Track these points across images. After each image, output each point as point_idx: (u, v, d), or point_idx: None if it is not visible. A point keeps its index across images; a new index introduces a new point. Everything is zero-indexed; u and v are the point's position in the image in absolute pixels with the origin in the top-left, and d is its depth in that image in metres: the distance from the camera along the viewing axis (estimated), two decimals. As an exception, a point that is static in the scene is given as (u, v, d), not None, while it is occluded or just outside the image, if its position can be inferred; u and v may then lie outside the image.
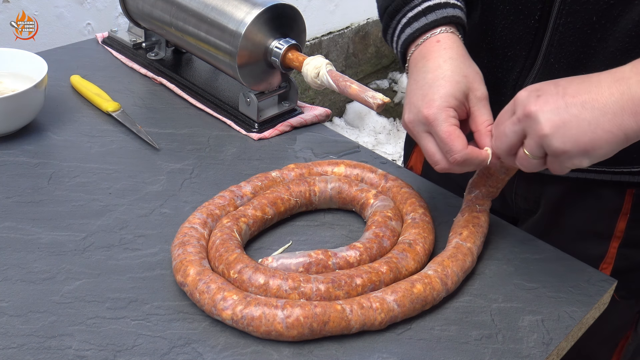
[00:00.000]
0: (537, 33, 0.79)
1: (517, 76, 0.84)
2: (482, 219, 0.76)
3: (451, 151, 0.67)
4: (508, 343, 0.65)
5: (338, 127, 2.85)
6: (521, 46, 0.81)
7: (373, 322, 0.64)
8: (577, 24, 0.76)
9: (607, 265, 0.88)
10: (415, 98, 0.70)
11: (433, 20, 0.74)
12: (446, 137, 0.67)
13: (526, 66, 0.82)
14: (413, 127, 0.70)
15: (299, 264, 0.69)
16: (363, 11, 2.91)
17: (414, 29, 0.75)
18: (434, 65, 0.71)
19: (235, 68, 0.92)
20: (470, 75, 0.70)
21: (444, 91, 0.68)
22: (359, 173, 0.83)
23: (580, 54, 0.77)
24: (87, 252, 0.73)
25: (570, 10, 0.75)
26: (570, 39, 0.77)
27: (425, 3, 0.75)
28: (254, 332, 0.63)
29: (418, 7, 0.75)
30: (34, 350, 0.61)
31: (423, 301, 0.66)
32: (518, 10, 0.79)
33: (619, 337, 0.95)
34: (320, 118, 1.02)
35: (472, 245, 0.72)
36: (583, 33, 0.76)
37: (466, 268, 0.71)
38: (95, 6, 1.89)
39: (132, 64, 1.13)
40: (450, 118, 0.67)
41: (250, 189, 0.79)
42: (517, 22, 0.80)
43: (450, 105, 0.68)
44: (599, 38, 0.75)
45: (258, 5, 0.91)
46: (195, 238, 0.71)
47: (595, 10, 0.74)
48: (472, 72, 0.71)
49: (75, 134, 0.94)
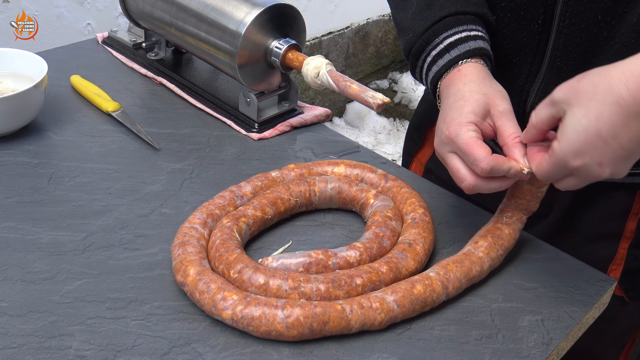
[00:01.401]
0: (541, 38, 0.79)
1: (523, 82, 0.83)
2: (505, 231, 0.73)
3: (475, 160, 0.66)
4: (508, 343, 0.65)
5: (338, 127, 2.85)
6: (526, 52, 0.81)
7: (373, 322, 0.64)
8: (582, 24, 0.76)
9: (617, 267, 0.87)
10: (439, 123, 0.71)
11: (456, 55, 0.75)
12: (466, 147, 0.66)
13: (532, 72, 0.82)
14: (440, 150, 0.71)
15: (299, 264, 0.69)
16: (363, 11, 2.91)
17: (439, 66, 0.76)
18: (454, 90, 0.72)
19: (235, 68, 0.92)
20: (489, 93, 0.70)
21: (462, 110, 0.69)
22: (359, 173, 0.83)
23: (587, 53, 0.77)
24: (87, 252, 0.73)
25: (574, 12, 0.75)
26: (576, 40, 0.77)
27: (447, 40, 0.76)
28: (254, 332, 0.63)
29: (440, 45, 0.76)
30: (34, 350, 0.61)
31: (423, 302, 0.66)
32: (520, 16, 0.79)
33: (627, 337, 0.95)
34: (320, 118, 1.02)
35: (484, 256, 0.71)
36: (589, 32, 0.76)
37: (471, 276, 0.69)
38: (95, 6, 1.89)
39: (132, 64, 1.13)
40: (470, 132, 0.67)
41: (250, 189, 0.79)
42: (520, 29, 0.80)
43: (470, 120, 0.68)
44: (605, 36, 0.75)
45: (258, 5, 0.91)
46: (195, 238, 0.71)
47: (600, 9, 0.74)
48: (492, 90, 0.71)
49: (75, 134, 0.94)
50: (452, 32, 0.76)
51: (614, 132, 0.58)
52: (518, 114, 0.83)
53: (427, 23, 0.78)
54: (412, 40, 0.79)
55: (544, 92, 0.82)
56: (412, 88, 3.10)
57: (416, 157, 1.08)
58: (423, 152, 1.07)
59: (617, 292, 0.88)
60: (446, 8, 0.77)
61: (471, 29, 0.76)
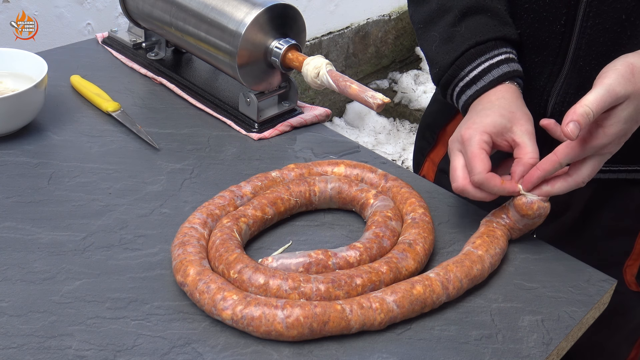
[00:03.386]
0: (564, 38, 0.79)
1: (545, 82, 0.84)
2: (498, 233, 0.74)
3: (472, 170, 0.70)
4: (508, 343, 0.65)
5: (338, 127, 2.85)
6: (548, 52, 0.81)
7: (373, 322, 0.64)
8: (606, 24, 0.76)
9: (633, 262, 0.87)
10: (462, 122, 0.75)
11: (482, 86, 0.78)
12: (472, 157, 0.70)
13: (554, 71, 0.82)
14: (451, 144, 0.75)
15: (299, 264, 0.69)
16: (363, 11, 2.91)
17: (467, 96, 0.80)
18: (486, 100, 0.76)
19: (235, 68, 0.92)
20: (517, 113, 0.73)
21: (485, 119, 0.72)
22: (359, 173, 0.83)
23: (610, 52, 0.77)
24: (87, 252, 0.73)
25: (597, 12, 0.75)
26: (599, 39, 0.77)
27: (472, 73, 0.79)
28: (254, 332, 0.63)
29: (466, 78, 0.79)
30: (34, 350, 0.61)
31: (422, 303, 0.66)
32: (542, 17, 0.80)
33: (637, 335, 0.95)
34: (320, 118, 1.02)
35: (484, 254, 0.71)
36: (612, 32, 0.76)
37: (472, 276, 0.69)
38: (95, 6, 1.89)
39: (132, 64, 1.13)
40: (482, 142, 0.70)
41: (250, 189, 0.79)
42: (543, 29, 0.80)
43: (487, 131, 0.71)
44: (629, 35, 0.75)
45: (258, 5, 0.91)
46: (195, 238, 0.71)
47: (624, 9, 0.74)
48: (519, 111, 0.73)
49: (75, 134, 0.94)
50: (475, 64, 0.78)
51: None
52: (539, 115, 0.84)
53: (451, 58, 0.80)
54: (440, 73, 0.82)
55: (566, 92, 0.82)
56: (412, 88, 3.10)
57: (429, 156, 1.09)
58: (436, 152, 1.07)
59: (634, 287, 0.88)
60: (467, 40, 0.79)
61: (494, 56, 0.78)
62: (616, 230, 0.89)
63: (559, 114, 0.83)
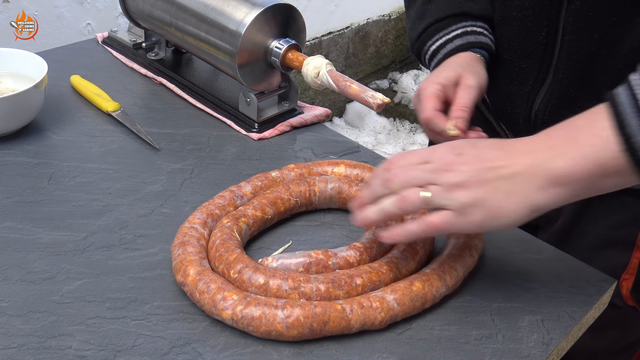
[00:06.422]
0: (547, 49, 0.80)
1: (530, 88, 0.85)
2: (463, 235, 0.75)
3: (422, 108, 0.80)
4: (508, 343, 0.65)
5: (338, 127, 2.85)
6: (533, 60, 0.83)
7: (373, 321, 0.64)
8: (580, 41, 0.76)
9: (630, 276, 0.86)
10: None
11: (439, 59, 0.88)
12: (424, 100, 0.80)
13: (538, 79, 0.83)
14: (413, 100, 0.88)
15: (298, 264, 0.69)
16: (363, 11, 2.91)
17: (431, 67, 0.89)
18: (446, 63, 0.85)
19: (235, 68, 0.92)
20: (466, 69, 0.82)
21: (440, 73, 0.82)
22: (359, 173, 0.83)
23: (587, 69, 0.78)
24: (87, 252, 0.73)
25: (573, 28, 0.76)
26: (576, 55, 0.78)
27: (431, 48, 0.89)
28: (254, 332, 0.63)
29: (429, 51, 0.90)
30: (34, 350, 0.61)
31: (423, 298, 0.66)
32: (527, 26, 0.81)
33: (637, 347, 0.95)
34: (320, 118, 1.02)
35: (470, 240, 0.72)
36: (587, 50, 0.76)
37: (466, 264, 0.70)
38: (95, 6, 1.90)
39: (132, 64, 1.13)
40: (435, 90, 0.80)
41: (250, 189, 0.79)
42: (528, 38, 0.82)
43: (439, 82, 0.81)
44: (604, 55, 0.76)
45: (258, 5, 0.91)
46: (195, 238, 0.71)
47: (597, 28, 0.74)
48: (469, 67, 0.82)
49: (75, 134, 0.94)
50: (434, 40, 0.89)
51: (487, 148, 0.66)
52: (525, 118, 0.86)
53: (416, 34, 0.91)
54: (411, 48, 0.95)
55: (548, 100, 0.83)
56: (412, 88, 3.10)
57: None
58: None
59: (630, 302, 0.87)
60: (430, 17, 0.89)
61: (451, 31, 0.88)
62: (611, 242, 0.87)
63: (541, 122, 0.85)
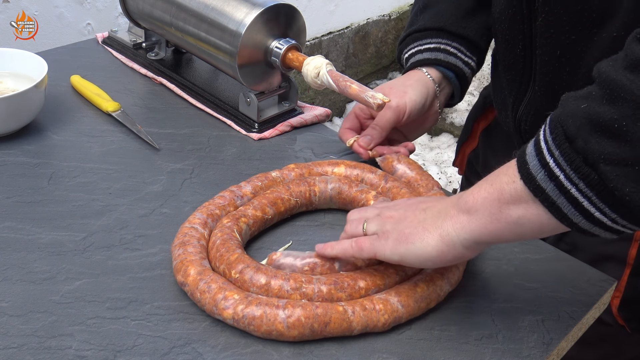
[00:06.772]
0: (525, 62, 0.83)
1: (514, 99, 0.88)
2: None
3: None
4: (508, 343, 0.65)
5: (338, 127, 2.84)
6: (515, 72, 0.86)
7: (376, 323, 0.64)
8: (546, 56, 0.78)
9: (619, 294, 0.86)
10: None
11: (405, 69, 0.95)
12: (347, 116, 0.92)
13: (521, 91, 0.86)
14: None
15: (305, 264, 0.69)
16: (363, 11, 2.91)
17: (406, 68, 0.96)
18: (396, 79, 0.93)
19: (235, 68, 0.92)
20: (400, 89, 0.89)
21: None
22: (359, 173, 0.83)
23: (554, 85, 0.80)
24: (87, 252, 0.73)
25: (541, 43, 0.78)
26: (545, 69, 0.80)
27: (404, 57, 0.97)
28: (254, 331, 0.63)
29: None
30: (34, 350, 0.61)
31: (427, 299, 0.66)
32: (506, 39, 0.84)
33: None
34: (320, 118, 1.02)
35: None
36: (553, 66, 0.78)
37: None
38: (95, 6, 1.89)
39: (132, 64, 1.13)
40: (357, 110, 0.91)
41: (250, 189, 0.79)
42: (509, 51, 0.85)
43: None
44: (568, 72, 0.77)
45: (258, 5, 0.91)
46: (196, 238, 0.71)
47: (559, 45, 0.76)
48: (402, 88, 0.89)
49: (75, 134, 0.94)
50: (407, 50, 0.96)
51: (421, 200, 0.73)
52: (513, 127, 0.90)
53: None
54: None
55: (528, 112, 0.86)
56: (412, 88, 3.09)
57: (462, 148, 1.14)
58: (468, 143, 1.12)
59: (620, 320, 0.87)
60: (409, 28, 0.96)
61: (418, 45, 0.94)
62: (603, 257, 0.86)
63: (523, 132, 0.88)
